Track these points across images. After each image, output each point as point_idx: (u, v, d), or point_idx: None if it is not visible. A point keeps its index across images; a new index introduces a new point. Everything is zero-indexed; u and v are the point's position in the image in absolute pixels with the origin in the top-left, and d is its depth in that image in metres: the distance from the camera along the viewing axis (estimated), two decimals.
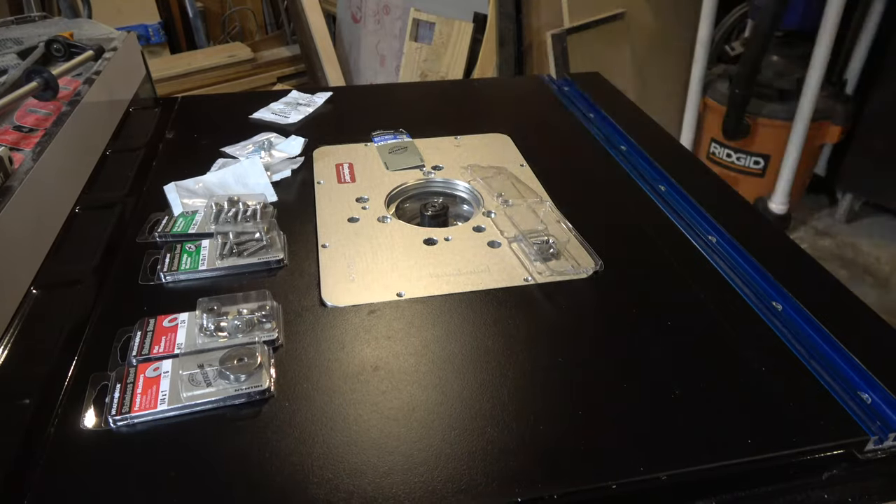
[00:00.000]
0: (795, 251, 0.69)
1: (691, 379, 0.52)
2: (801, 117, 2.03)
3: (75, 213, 0.74)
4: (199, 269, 0.64)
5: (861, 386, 0.52)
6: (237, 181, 0.79)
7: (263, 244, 0.66)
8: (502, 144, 0.91)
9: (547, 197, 0.78)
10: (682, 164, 0.86)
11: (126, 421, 0.48)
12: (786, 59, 2.19)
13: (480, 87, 1.02)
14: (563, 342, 0.57)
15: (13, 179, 0.66)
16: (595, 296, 0.63)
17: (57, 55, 1.01)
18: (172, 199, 0.74)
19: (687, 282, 0.64)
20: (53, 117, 0.81)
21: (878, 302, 2.04)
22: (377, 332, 0.57)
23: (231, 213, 0.71)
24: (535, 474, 0.44)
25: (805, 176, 2.30)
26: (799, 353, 0.56)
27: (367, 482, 0.44)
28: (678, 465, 0.45)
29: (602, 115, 1.00)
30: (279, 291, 0.62)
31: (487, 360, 0.54)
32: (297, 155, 0.87)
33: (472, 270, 0.65)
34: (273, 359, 0.54)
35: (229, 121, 0.96)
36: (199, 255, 0.65)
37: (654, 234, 0.72)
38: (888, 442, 0.48)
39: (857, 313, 0.60)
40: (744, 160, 2.26)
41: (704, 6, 2.13)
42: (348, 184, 0.81)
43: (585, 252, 0.68)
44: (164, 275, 0.63)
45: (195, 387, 0.50)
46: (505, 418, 0.49)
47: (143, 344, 0.54)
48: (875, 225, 2.33)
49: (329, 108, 1.02)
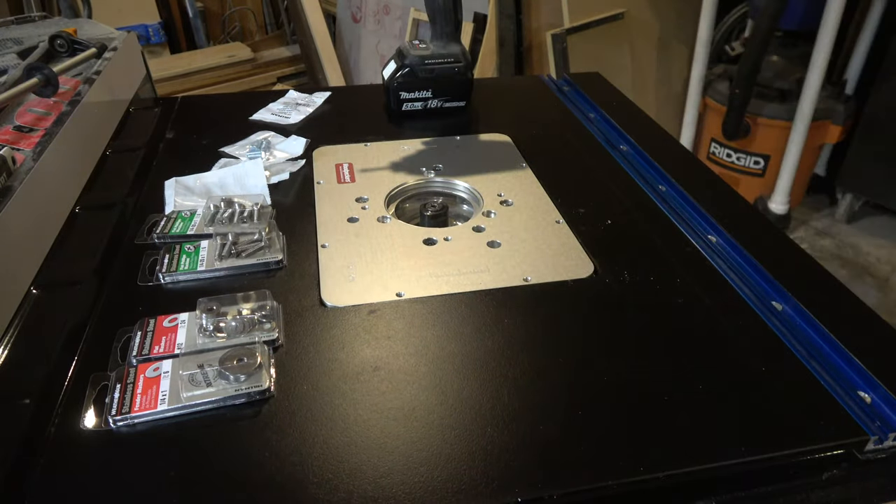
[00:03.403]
0: (795, 251, 0.69)
1: (691, 379, 0.52)
2: (801, 117, 2.04)
3: (75, 212, 0.74)
4: (197, 269, 0.64)
5: (861, 386, 0.52)
6: (236, 181, 0.79)
7: (262, 245, 0.66)
8: (502, 144, 0.91)
9: (547, 197, 0.78)
10: (682, 164, 0.86)
11: (126, 421, 0.48)
12: (786, 59, 2.19)
13: (480, 87, 1.02)
14: (563, 342, 0.57)
15: (13, 179, 0.66)
16: (595, 296, 0.63)
17: (60, 50, 1.01)
18: (168, 196, 0.74)
19: (687, 282, 0.64)
20: (54, 117, 0.81)
21: (878, 302, 2.04)
22: (377, 332, 0.57)
23: (227, 214, 0.71)
24: (535, 474, 0.44)
25: (805, 176, 2.30)
26: (799, 353, 0.56)
27: (366, 482, 0.44)
28: (678, 465, 0.45)
29: (602, 115, 1.00)
30: (279, 291, 0.62)
31: (487, 360, 0.54)
32: (299, 156, 0.87)
33: (471, 270, 0.65)
34: (273, 359, 0.54)
35: (229, 121, 0.96)
36: (197, 256, 0.65)
37: (654, 235, 0.72)
38: (888, 442, 0.48)
39: (857, 313, 0.60)
40: (744, 160, 2.26)
41: (704, 6, 2.13)
42: (348, 184, 0.81)
43: (585, 252, 0.68)
44: (162, 275, 0.63)
45: (195, 387, 0.50)
46: (505, 418, 0.49)
47: (143, 344, 0.54)
48: (875, 225, 2.33)
49: (328, 107, 1.02)
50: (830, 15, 1.87)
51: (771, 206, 2.23)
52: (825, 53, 1.93)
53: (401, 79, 0.95)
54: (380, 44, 2.71)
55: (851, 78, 2.24)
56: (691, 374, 0.53)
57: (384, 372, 0.53)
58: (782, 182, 2.16)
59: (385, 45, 2.68)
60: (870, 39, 2.16)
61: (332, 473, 0.44)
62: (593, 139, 0.94)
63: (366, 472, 0.44)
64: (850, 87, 2.24)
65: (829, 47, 1.92)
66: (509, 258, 0.67)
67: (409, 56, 0.95)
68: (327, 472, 0.44)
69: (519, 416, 0.49)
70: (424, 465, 0.45)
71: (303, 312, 0.59)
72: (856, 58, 2.21)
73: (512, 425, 0.48)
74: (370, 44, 2.76)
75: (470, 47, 2.28)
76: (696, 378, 0.52)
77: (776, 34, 2.08)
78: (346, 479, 0.44)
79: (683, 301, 0.62)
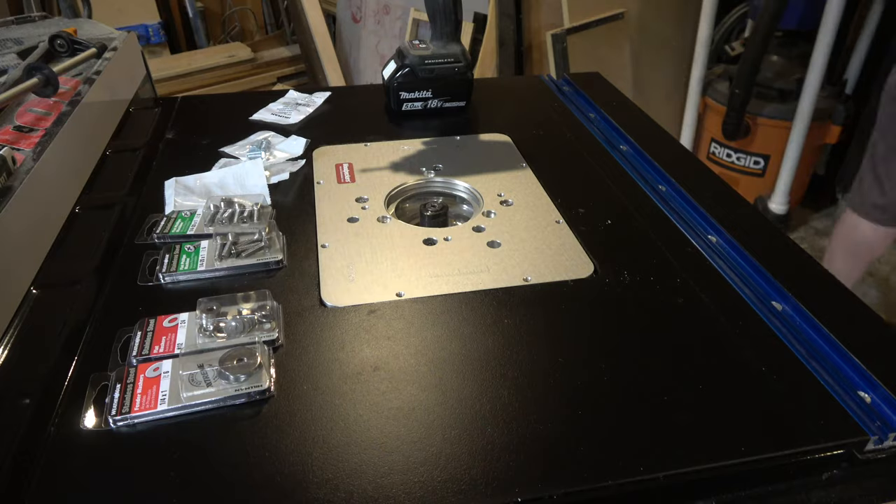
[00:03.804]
0: (795, 251, 0.69)
1: (691, 379, 0.52)
2: (801, 117, 2.04)
3: (75, 212, 0.74)
4: (197, 269, 0.64)
5: (861, 386, 0.52)
6: (236, 182, 0.79)
7: (262, 245, 0.66)
8: (502, 144, 0.91)
9: (547, 197, 0.78)
10: (682, 164, 0.86)
11: (126, 421, 0.48)
12: (786, 59, 2.19)
13: (480, 87, 1.02)
14: (563, 342, 0.57)
15: (13, 179, 0.66)
16: (594, 296, 0.63)
17: (60, 50, 1.01)
18: (168, 196, 0.74)
19: (687, 282, 0.64)
20: (54, 117, 0.81)
21: (879, 302, 2.04)
22: (377, 332, 0.57)
23: (227, 214, 0.71)
24: (535, 474, 0.44)
25: (805, 176, 2.30)
26: (799, 353, 0.55)
27: (367, 482, 0.44)
28: (678, 465, 0.45)
29: (602, 115, 1.00)
30: (279, 291, 0.62)
31: (487, 360, 0.54)
32: (299, 156, 0.87)
33: (471, 270, 0.65)
34: (273, 359, 0.54)
35: (229, 121, 0.96)
36: (197, 256, 0.65)
37: (654, 234, 0.72)
38: (888, 442, 0.48)
39: (857, 313, 0.60)
40: (744, 160, 2.26)
41: (704, 6, 2.13)
42: (348, 184, 0.81)
43: (585, 252, 0.68)
44: (162, 275, 0.63)
45: (195, 387, 0.50)
46: (505, 418, 0.49)
47: (143, 344, 0.54)
48: None
49: (328, 107, 1.02)
50: (830, 15, 1.87)
51: (771, 206, 2.23)
52: (825, 53, 1.93)
53: (401, 79, 0.95)
54: (380, 44, 2.71)
55: (851, 78, 2.24)
56: (691, 374, 0.53)
57: (384, 372, 0.53)
58: (782, 182, 2.16)
59: (385, 45, 2.68)
60: (870, 39, 2.16)
61: (332, 473, 0.44)
62: (593, 139, 0.94)
63: (366, 471, 0.44)
64: (849, 87, 2.24)
65: (829, 47, 1.92)
66: (509, 258, 0.67)
67: (409, 56, 0.95)
68: (327, 472, 0.44)
69: (519, 416, 0.49)
70: (424, 465, 0.45)
71: (303, 312, 0.59)
72: (855, 58, 2.21)
73: (512, 425, 0.48)
74: (370, 44, 2.76)
75: (470, 47, 2.28)
76: (696, 378, 0.52)
77: (776, 34, 2.08)
78: (346, 479, 0.44)
79: (683, 301, 0.62)
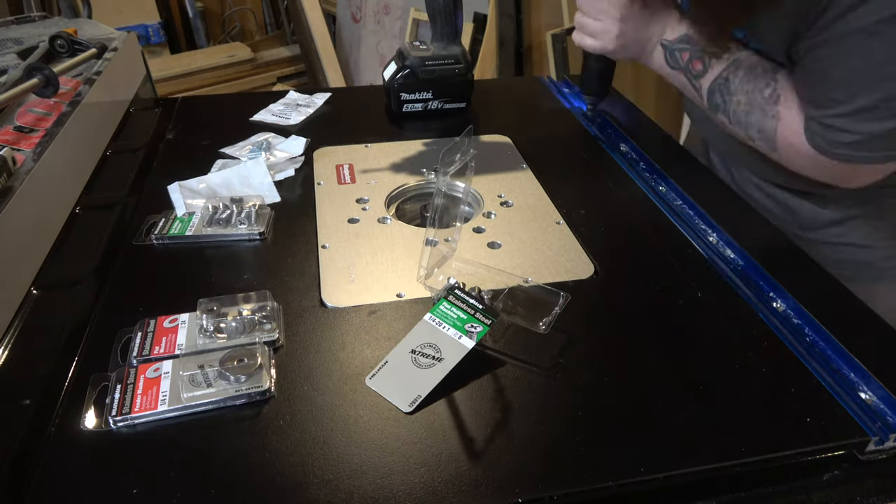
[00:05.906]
0: (795, 251, 0.69)
1: (691, 379, 0.52)
2: None
3: (76, 213, 0.74)
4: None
5: (861, 386, 0.52)
6: (241, 181, 0.78)
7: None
8: (502, 145, 0.91)
9: (547, 198, 0.78)
10: (682, 164, 0.86)
11: (126, 422, 0.48)
12: None
13: (480, 88, 1.02)
14: (563, 342, 0.57)
15: (14, 179, 0.66)
16: (595, 296, 0.63)
17: (60, 51, 1.01)
18: (176, 200, 0.74)
19: (687, 282, 0.64)
20: (54, 117, 0.81)
21: None
22: (377, 332, 0.57)
23: (225, 215, 0.71)
24: (535, 474, 0.44)
25: None
26: (799, 353, 0.56)
27: (367, 482, 0.44)
28: (678, 465, 0.45)
29: (602, 115, 1.00)
30: (279, 292, 0.62)
31: (487, 360, 0.54)
32: (299, 155, 0.87)
33: (471, 271, 0.65)
34: (273, 359, 0.54)
35: (229, 121, 0.96)
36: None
37: (654, 235, 0.72)
38: (889, 443, 0.48)
39: (857, 313, 0.60)
40: None
41: None
42: (348, 185, 0.81)
43: (585, 253, 0.68)
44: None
45: (195, 387, 0.50)
46: (505, 418, 0.49)
47: (143, 345, 0.54)
48: None
49: (329, 109, 1.02)
50: None
51: None
52: None
53: (401, 80, 0.95)
54: (380, 44, 2.71)
55: None
56: (691, 374, 0.53)
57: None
58: None
59: (385, 46, 2.68)
60: None
61: (333, 474, 0.44)
62: (593, 139, 0.94)
63: (366, 472, 0.44)
64: None
65: None
66: (509, 259, 0.67)
67: (409, 57, 0.95)
68: (328, 473, 0.44)
69: (519, 416, 0.49)
70: (425, 466, 0.45)
71: (303, 313, 0.59)
72: None
73: (512, 425, 0.48)
74: (370, 44, 2.76)
75: (470, 47, 2.28)
76: (696, 378, 0.52)
77: None
78: (346, 480, 0.44)
79: (683, 301, 0.62)
